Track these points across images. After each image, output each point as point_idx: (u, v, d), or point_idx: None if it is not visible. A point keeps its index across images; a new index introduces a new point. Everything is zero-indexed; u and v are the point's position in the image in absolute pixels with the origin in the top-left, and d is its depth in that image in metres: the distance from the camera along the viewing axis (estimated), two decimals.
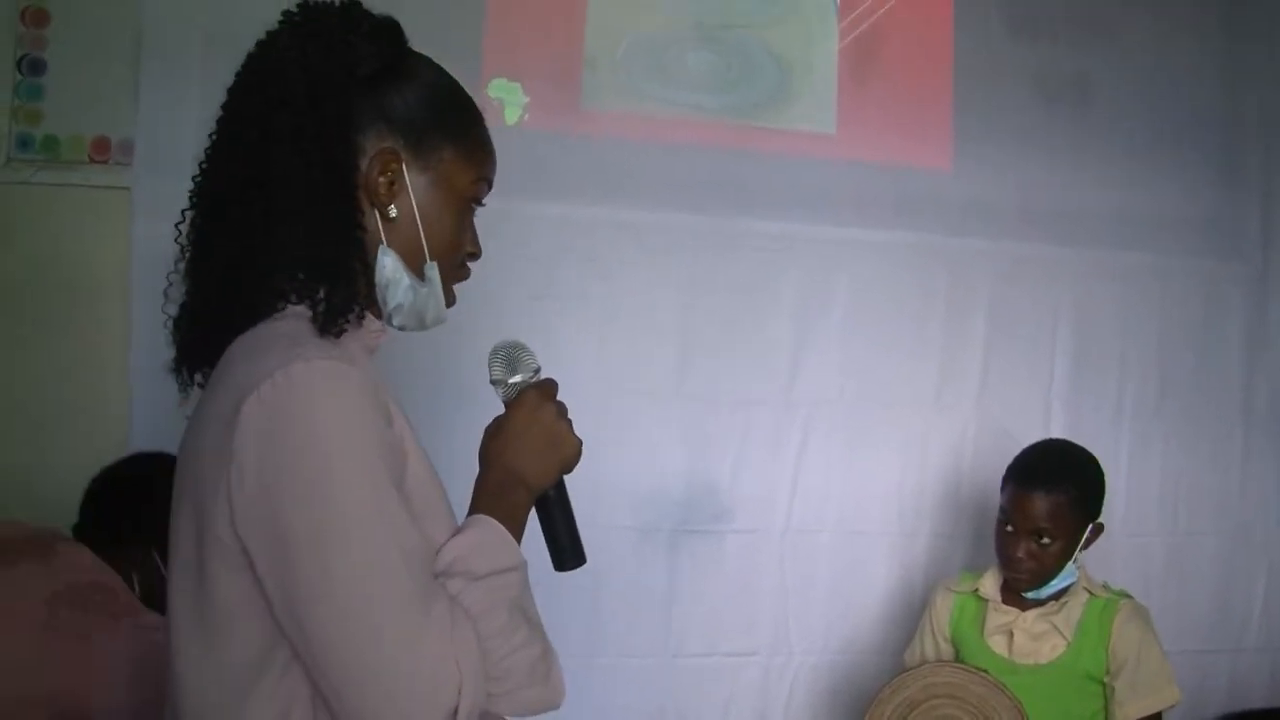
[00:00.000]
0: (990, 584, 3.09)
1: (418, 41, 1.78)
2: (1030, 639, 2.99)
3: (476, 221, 1.76)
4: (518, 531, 1.63)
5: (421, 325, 1.73)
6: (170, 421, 3.05)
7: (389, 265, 1.64)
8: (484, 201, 1.75)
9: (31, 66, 3.19)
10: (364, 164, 1.61)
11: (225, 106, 1.66)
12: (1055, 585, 3.00)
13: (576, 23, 3.46)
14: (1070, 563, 2.98)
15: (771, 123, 3.59)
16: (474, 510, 1.64)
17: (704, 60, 3.56)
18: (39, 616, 2.35)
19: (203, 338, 1.66)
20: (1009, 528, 2.98)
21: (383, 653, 1.41)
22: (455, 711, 1.43)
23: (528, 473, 1.69)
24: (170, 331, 1.72)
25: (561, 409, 1.73)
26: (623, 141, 3.43)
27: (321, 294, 1.56)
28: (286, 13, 1.65)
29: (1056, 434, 3.48)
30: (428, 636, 1.43)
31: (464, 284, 1.76)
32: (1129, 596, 3.04)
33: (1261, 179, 3.93)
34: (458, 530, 1.59)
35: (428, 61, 1.73)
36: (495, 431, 1.72)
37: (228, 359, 1.57)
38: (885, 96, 3.68)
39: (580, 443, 1.73)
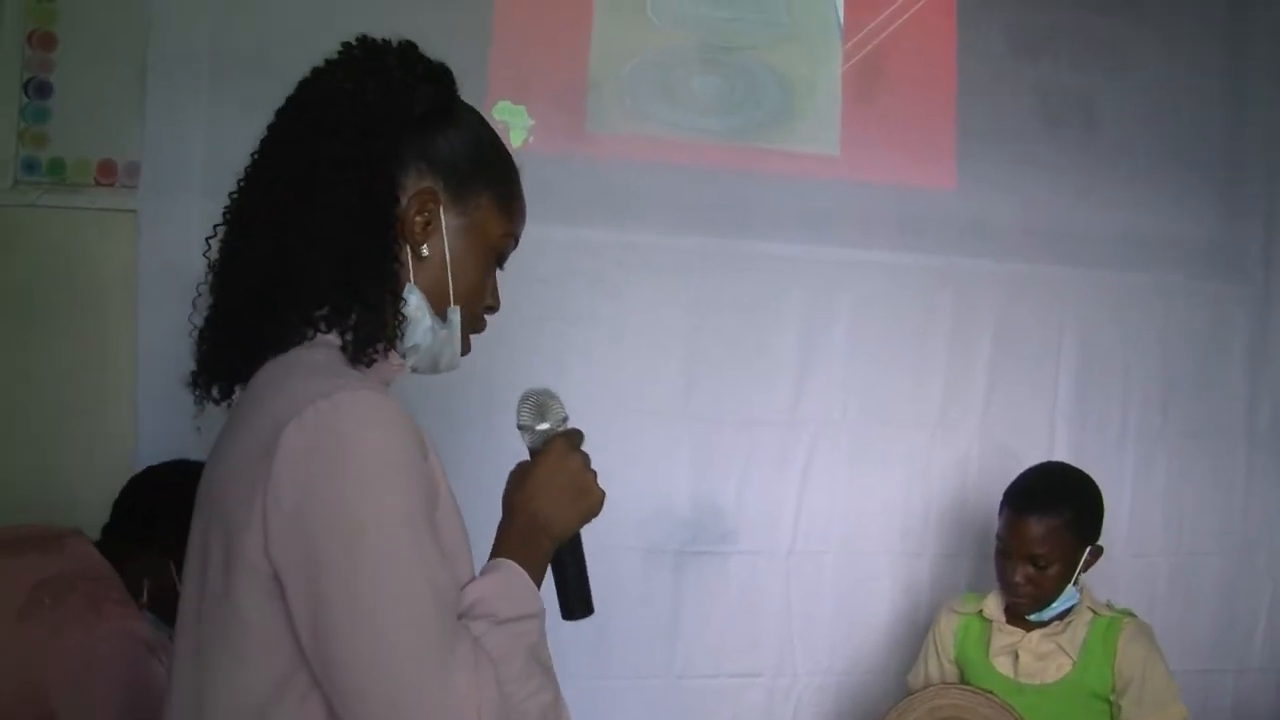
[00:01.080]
0: (994, 605, 3.09)
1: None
2: (1036, 659, 2.99)
3: None
4: (538, 578, 1.64)
5: (434, 368, 1.75)
6: (176, 445, 3.07)
7: (413, 303, 1.65)
8: (506, 257, 1.77)
9: (38, 89, 3.19)
10: (404, 200, 1.63)
11: (273, 128, 1.69)
12: (1057, 607, 3.00)
13: (581, 46, 3.47)
14: (1070, 585, 2.98)
15: (776, 144, 3.60)
16: (497, 554, 1.65)
17: (708, 82, 3.57)
18: (17, 604, 2.36)
19: (226, 353, 1.68)
20: (1006, 553, 2.99)
21: (408, 689, 1.41)
22: None
23: (552, 521, 1.70)
24: (194, 343, 1.76)
25: (587, 460, 1.74)
26: (628, 163, 3.43)
27: (351, 321, 1.58)
28: (346, 44, 1.69)
29: (1060, 454, 3.49)
30: (453, 676, 1.43)
31: None
32: (1133, 615, 3.05)
33: (1264, 200, 3.94)
34: (482, 572, 1.61)
35: (475, 111, 1.75)
36: (521, 477, 1.73)
37: (260, 384, 1.59)
38: (889, 117, 3.68)
39: (603, 494, 1.74)
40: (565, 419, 1.78)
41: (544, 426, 1.76)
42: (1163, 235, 3.85)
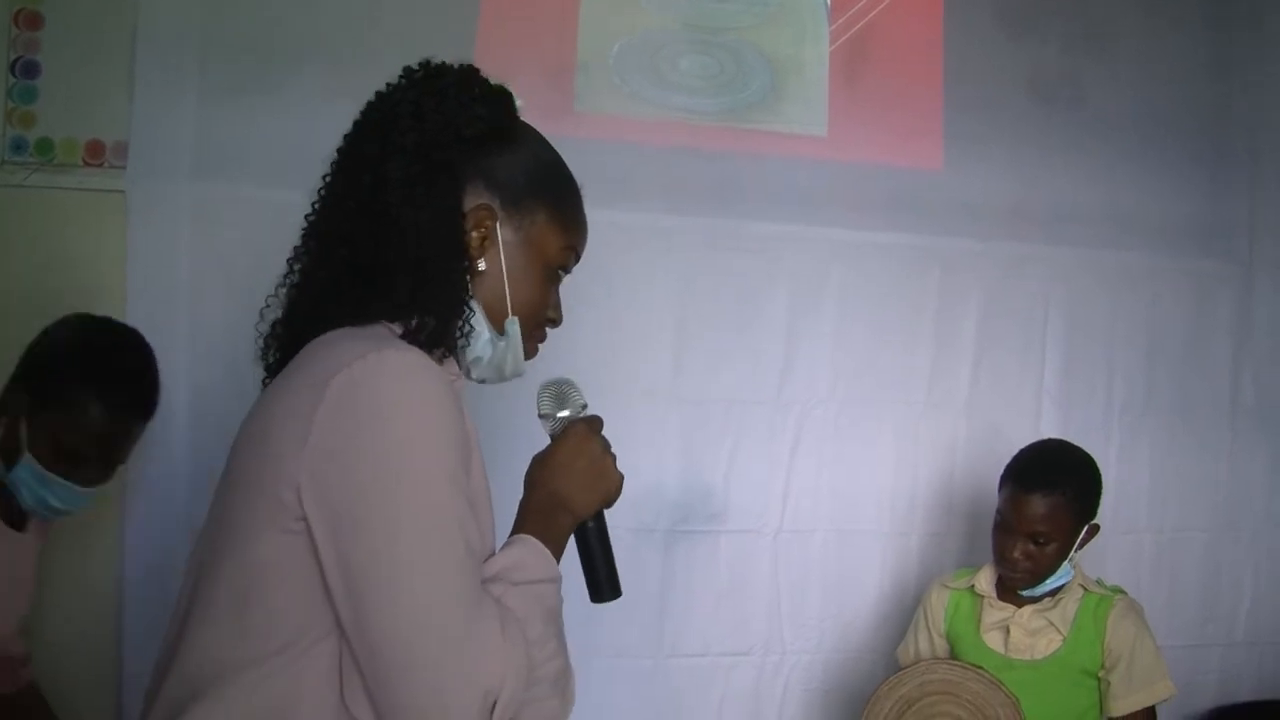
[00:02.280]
0: (986, 580, 3.10)
1: (412, 45, 1.82)
2: (1026, 635, 3.01)
3: None
4: (557, 553, 1.71)
5: (500, 377, 1.84)
6: (165, 424, 3.08)
7: (476, 312, 1.74)
8: (570, 270, 1.86)
9: (25, 69, 3.18)
10: (463, 217, 1.71)
11: (342, 149, 1.78)
12: (1050, 584, 3.01)
13: (569, 26, 3.48)
14: (1066, 563, 2.99)
15: (763, 124, 3.61)
16: (518, 530, 1.72)
17: (696, 63, 3.57)
18: None
19: (293, 349, 1.73)
20: (1006, 528, 3.00)
21: (435, 643, 1.46)
22: (492, 709, 1.48)
23: (572, 500, 1.76)
24: (263, 340, 1.85)
25: (606, 444, 1.82)
26: (616, 144, 3.44)
27: (415, 323, 1.66)
28: (408, 69, 1.77)
29: (1047, 431, 3.50)
30: (480, 633, 1.48)
31: None
32: (1123, 592, 3.06)
33: (1249, 178, 3.96)
34: (503, 547, 1.67)
35: (534, 132, 1.84)
36: (543, 459, 1.80)
37: (309, 350, 1.65)
38: (876, 97, 3.69)
39: (622, 478, 1.82)
40: (584, 405, 1.86)
41: (564, 414, 1.84)
42: (1148, 214, 3.86)
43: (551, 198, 1.81)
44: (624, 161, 3.41)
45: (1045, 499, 2.94)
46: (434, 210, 1.68)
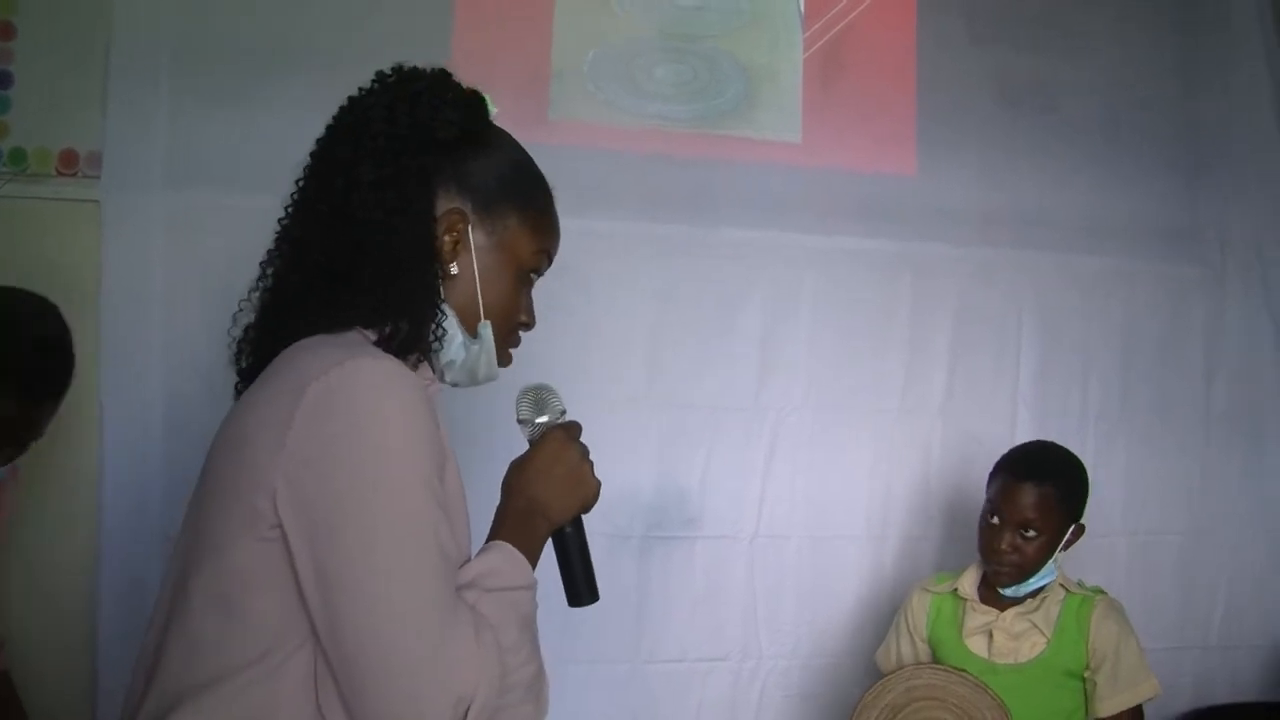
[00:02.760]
0: (968, 583, 3.10)
1: (385, 54, 1.82)
2: (1010, 638, 3.00)
3: None
4: (533, 559, 1.71)
5: (473, 381, 1.84)
6: (140, 431, 3.08)
7: (449, 316, 1.74)
8: (542, 273, 1.87)
9: None
10: (435, 221, 1.72)
11: (315, 153, 1.78)
12: (1034, 583, 3.01)
13: (543, 34, 3.49)
14: (1050, 562, 2.99)
15: (738, 131, 3.62)
16: (494, 536, 1.72)
17: (670, 71, 3.59)
18: None
19: (268, 353, 1.73)
20: (994, 519, 2.98)
21: (410, 650, 1.46)
22: (465, 715, 1.48)
23: (549, 505, 1.77)
24: (236, 345, 1.84)
25: (584, 450, 1.82)
26: (591, 151, 3.45)
27: (389, 329, 1.66)
28: (380, 73, 1.78)
29: (1022, 436, 3.50)
30: (454, 639, 1.49)
31: None
32: (1103, 593, 3.06)
33: (1220, 183, 3.98)
34: (478, 553, 1.67)
35: (507, 136, 1.85)
36: (520, 465, 1.80)
37: (285, 357, 1.64)
38: (850, 104, 3.71)
39: (599, 484, 1.82)
40: (563, 412, 1.86)
41: (543, 419, 1.84)
42: (1120, 219, 3.88)
43: (523, 201, 1.81)
44: (599, 169, 3.42)
45: (1036, 489, 2.95)
46: (406, 214, 1.68)
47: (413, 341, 1.68)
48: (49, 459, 3.14)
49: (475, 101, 1.82)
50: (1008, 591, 3.03)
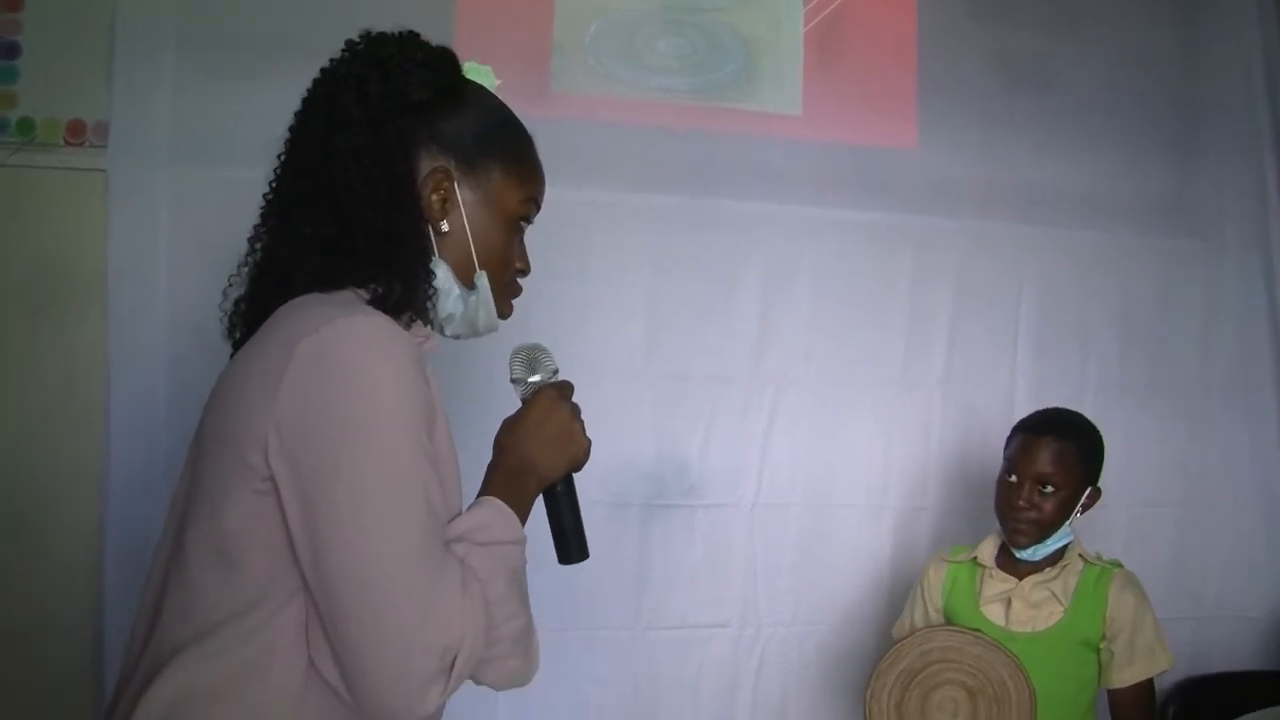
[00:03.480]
0: (987, 551, 3.09)
1: (393, 27, 1.83)
2: (1028, 607, 2.99)
3: None
4: (523, 515, 1.73)
5: (474, 332, 1.86)
6: (148, 397, 3.11)
7: (441, 275, 1.76)
8: (532, 220, 1.88)
9: (6, 50, 3.19)
10: (419, 182, 1.74)
11: (292, 127, 1.80)
12: (1051, 545, 3.00)
13: (545, 8, 3.50)
14: (1067, 525, 2.99)
15: (739, 104, 3.63)
16: (484, 492, 1.74)
17: (671, 44, 3.60)
18: None
19: (259, 323, 1.74)
20: (1012, 477, 2.98)
21: (398, 601, 1.48)
22: (452, 666, 1.50)
23: (539, 463, 1.79)
24: (228, 318, 1.87)
25: (575, 410, 1.84)
26: (592, 124, 3.46)
27: (381, 289, 1.68)
28: (349, 41, 1.80)
29: (1021, 409, 3.49)
30: (441, 590, 1.51)
31: None
32: (1121, 565, 3.05)
33: (1217, 157, 3.98)
34: (468, 509, 1.69)
35: (484, 90, 1.86)
36: (512, 422, 1.83)
37: (277, 315, 1.66)
38: (850, 78, 3.72)
39: (590, 443, 1.85)
40: (556, 371, 1.88)
41: (535, 379, 1.87)
42: (1119, 193, 3.89)
43: (504, 152, 1.82)
44: (600, 141, 3.43)
45: (1054, 443, 2.95)
46: (388, 179, 1.70)
47: (405, 301, 1.70)
48: (56, 427, 3.18)
49: (445, 59, 1.82)
50: (1025, 554, 3.01)
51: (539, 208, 1.90)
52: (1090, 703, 3.01)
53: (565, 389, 1.86)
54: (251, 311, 1.80)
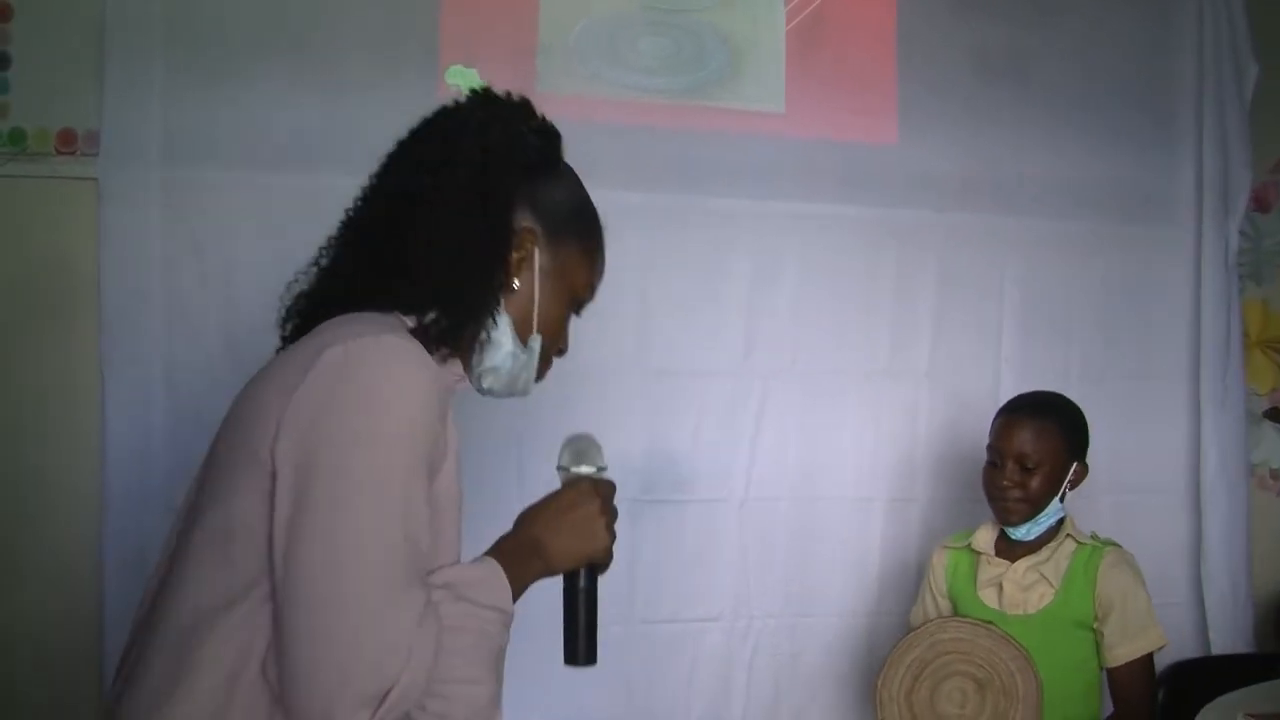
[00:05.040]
0: (983, 538, 3.11)
1: (376, 31, 1.86)
2: (1019, 590, 3.01)
3: None
4: (517, 590, 1.72)
5: (510, 391, 1.88)
6: (140, 404, 3.13)
7: (502, 325, 1.80)
8: (583, 308, 1.94)
9: None
10: (510, 235, 1.78)
11: (396, 153, 1.85)
12: (1044, 522, 3.02)
13: (530, 9, 3.51)
14: (1056, 500, 3.00)
15: (722, 102, 3.65)
16: (488, 554, 1.75)
17: (655, 44, 3.62)
18: None
19: (311, 322, 1.77)
20: (995, 462, 3.01)
21: (349, 612, 1.48)
22: (385, 695, 1.48)
23: (549, 546, 1.78)
24: (285, 310, 1.87)
25: (610, 511, 1.83)
26: (577, 123, 3.37)
27: (429, 318, 1.71)
28: (474, 91, 1.86)
29: (1006, 398, 3.51)
30: (394, 617, 1.49)
31: None
32: (1116, 545, 3.06)
33: (1194, 148, 4.01)
34: (469, 561, 1.70)
35: (573, 171, 1.92)
36: (539, 502, 1.83)
37: (321, 327, 1.69)
38: (832, 75, 3.74)
39: (610, 543, 1.83)
40: (603, 469, 1.88)
41: (580, 469, 1.86)
42: (1099, 182, 3.92)
43: (585, 233, 1.90)
44: (586, 141, 3.33)
45: (1031, 422, 2.98)
46: (486, 222, 1.74)
47: (448, 335, 1.72)
48: (52, 432, 3.20)
49: (553, 133, 1.90)
50: (1019, 532, 3.03)
51: (593, 297, 1.96)
52: (1091, 684, 3.03)
53: (603, 486, 1.85)
54: (308, 309, 1.83)
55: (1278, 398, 4.18)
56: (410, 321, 1.71)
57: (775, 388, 3.67)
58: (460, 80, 3.41)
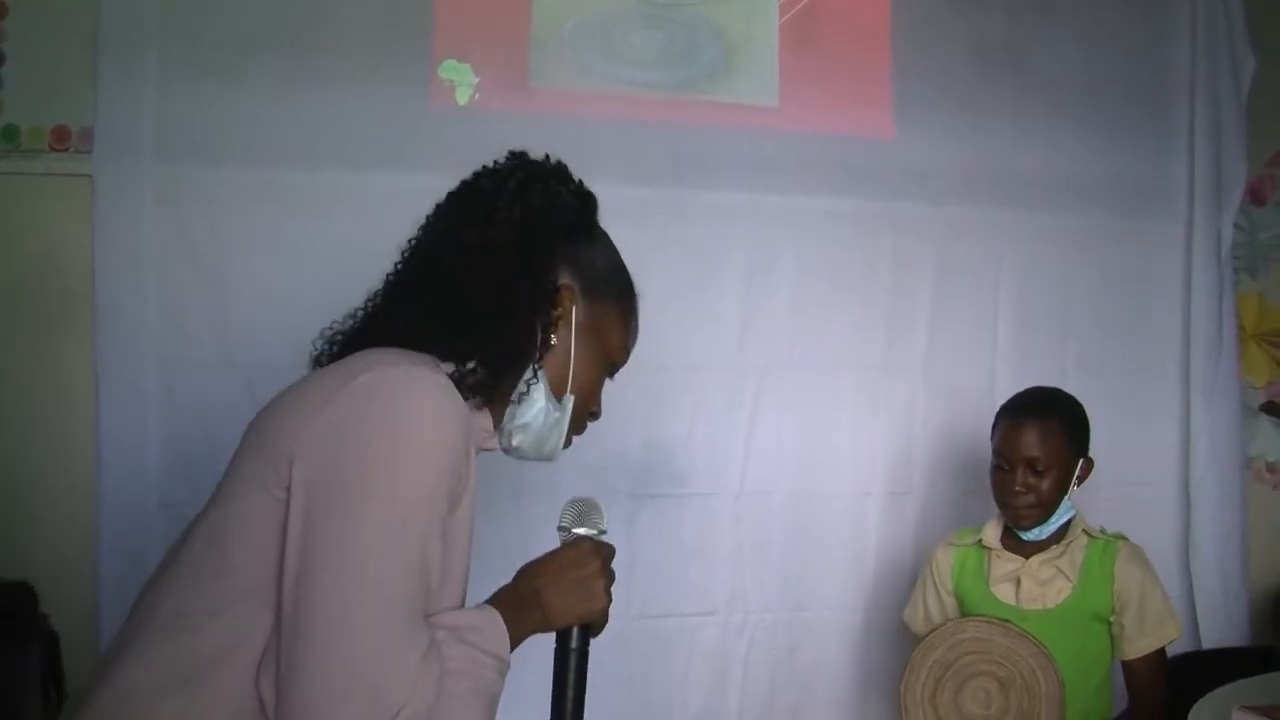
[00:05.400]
0: (992, 534, 3.11)
1: (369, 27, 1.86)
2: (1037, 584, 3.01)
3: None
4: (514, 642, 1.72)
5: (538, 452, 1.89)
6: (134, 400, 3.12)
7: (539, 380, 1.81)
8: (617, 370, 1.97)
9: None
10: (552, 292, 1.80)
11: (442, 208, 1.89)
12: (1055, 522, 3.02)
13: (523, 3, 3.51)
14: (1066, 499, 3.01)
15: (716, 96, 3.65)
16: (488, 603, 1.75)
17: (649, 38, 3.61)
18: None
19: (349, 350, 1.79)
20: (1004, 467, 3.01)
21: (358, 639, 1.48)
22: None
23: (549, 602, 1.78)
24: (329, 337, 1.88)
25: (607, 572, 1.84)
26: (571, 117, 3.47)
27: (466, 366, 1.72)
28: (512, 154, 1.89)
29: (1003, 391, 3.50)
30: (401, 654, 1.50)
31: None
32: (1125, 539, 3.06)
33: (1188, 141, 3.99)
34: (470, 608, 1.71)
35: (607, 235, 1.96)
36: (541, 558, 1.84)
37: (352, 356, 1.71)
38: (826, 68, 3.73)
39: (607, 605, 1.84)
40: (603, 532, 1.89)
41: (581, 531, 1.87)
42: (1095, 176, 3.91)
43: (620, 297, 1.93)
44: (579, 135, 3.39)
45: (1038, 425, 2.96)
46: (530, 279, 1.77)
47: (484, 385, 1.73)
48: (47, 429, 3.20)
49: (590, 198, 1.94)
50: (1031, 535, 3.03)
51: (626, 361, 1.99)
52: (1105, 675, 3.04)
53: (604, 549, 1.85)
54: (349, 341, 1.84)
55: (1274, 391, 4.16)
56: (448, 368, 1.71)
57: (771, 382, 3.66)
58: (454, 75, 3.41)
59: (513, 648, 1.72)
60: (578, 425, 1.91)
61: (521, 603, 1.76)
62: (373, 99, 3.32)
